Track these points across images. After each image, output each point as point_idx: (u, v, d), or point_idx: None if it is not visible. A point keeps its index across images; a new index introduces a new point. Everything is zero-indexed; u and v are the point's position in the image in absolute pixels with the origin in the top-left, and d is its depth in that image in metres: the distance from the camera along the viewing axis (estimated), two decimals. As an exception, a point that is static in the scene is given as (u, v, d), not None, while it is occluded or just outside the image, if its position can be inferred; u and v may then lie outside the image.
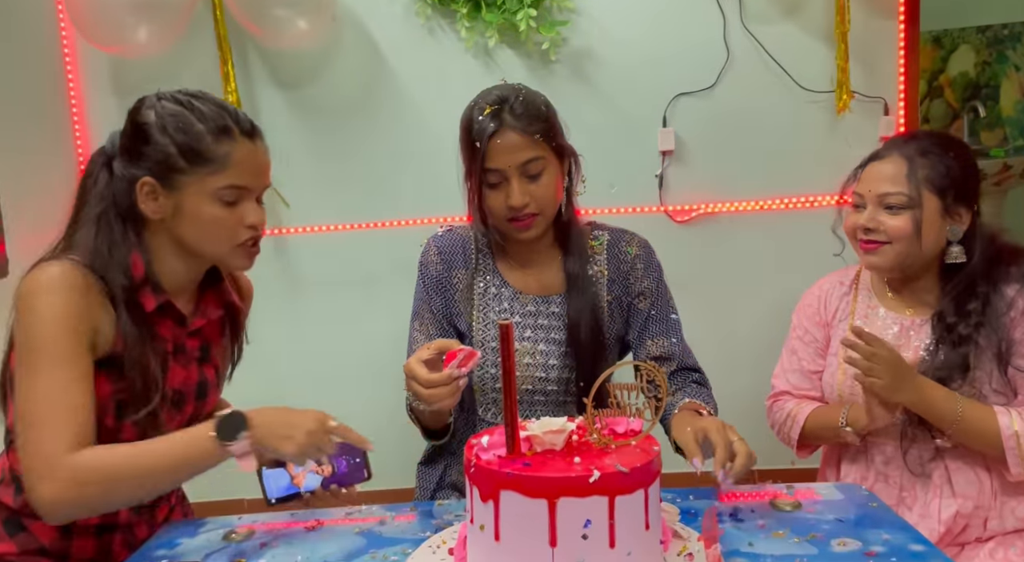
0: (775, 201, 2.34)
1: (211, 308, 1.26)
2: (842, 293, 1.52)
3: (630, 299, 1.43)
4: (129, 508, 1.19)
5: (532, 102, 1.31)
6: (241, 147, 1.14)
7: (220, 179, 1.12)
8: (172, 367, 1.19)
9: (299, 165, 2.37)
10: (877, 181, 1.38)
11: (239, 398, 2.47)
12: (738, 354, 2.41)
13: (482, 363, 1.39)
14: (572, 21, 2.27)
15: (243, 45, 2.31)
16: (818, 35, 2.28)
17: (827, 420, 1.42)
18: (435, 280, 1.43)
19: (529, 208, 1.30)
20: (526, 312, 1.41)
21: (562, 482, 0.84)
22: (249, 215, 1.16)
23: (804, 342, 1.53)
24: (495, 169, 1.29)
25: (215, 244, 1.16)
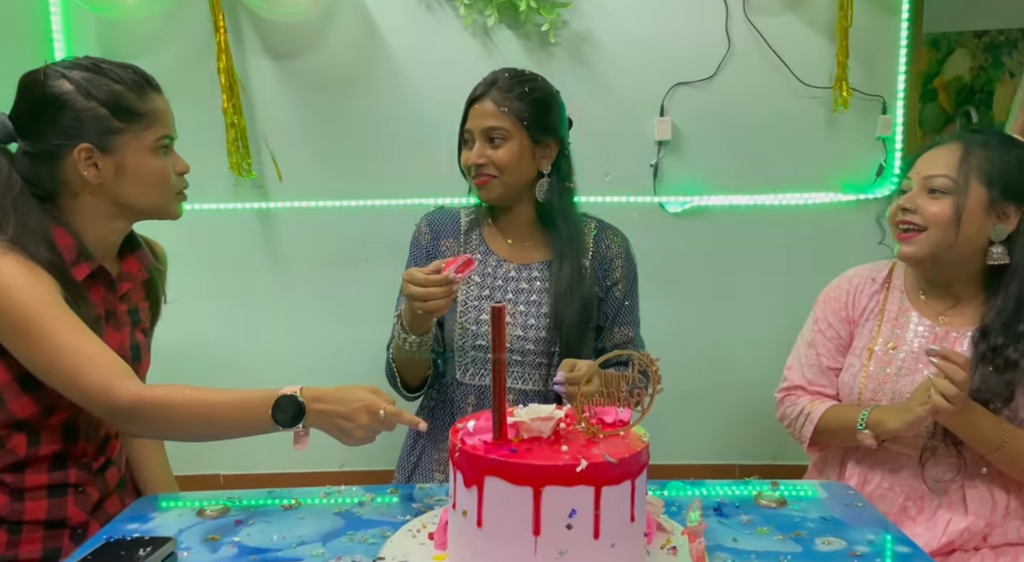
0: (769, 196, 2.32)
1: (134, 271, 1.28)
2: (873, 291, 1.45)
3: (608, 285, 1.55)
4: (80, 468, 1.20)
5: (522, 85, 1.48)
6: (159, 100, 1.20)
7: (154, 132, 1.17)
8: (107, 331, 1.20)
9: (289, 138, 2.32)
10: (926, 164, 1.33)
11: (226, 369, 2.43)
12: (725, 346, 2.41)
13: (462, 326, 1.49)
14: (573, 3, 2.23)
15: (236, 13, 2.25)
16: (820, 30, 2.25)
17: (844, 421, 1.37)
18: (424, 250, 1.55)
19: (486, 169, 1.46)
20: (508, 277, 1.52)
21: (548, 470, 0.83)
22: (178, 163, 1.23)
23: (826, 337, 1.47)
24: (467, 129, 1.50)
25: (157, 195, 1.20)
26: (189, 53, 2.25)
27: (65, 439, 1.19)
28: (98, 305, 1.20)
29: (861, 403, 1.39)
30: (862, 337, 1.43)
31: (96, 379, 1.06)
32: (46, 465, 1.17)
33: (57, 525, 1.17)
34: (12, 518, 1.14)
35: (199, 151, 2.23)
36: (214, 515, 1.10)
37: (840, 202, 2.32)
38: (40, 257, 1.10)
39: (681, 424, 2.35)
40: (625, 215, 2.29)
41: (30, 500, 1.15)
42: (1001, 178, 1.28)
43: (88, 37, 2.27)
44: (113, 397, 1.06)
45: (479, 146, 1.46)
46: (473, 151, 1.47)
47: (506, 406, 0.90)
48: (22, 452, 1.14)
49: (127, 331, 1.26)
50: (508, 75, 1.49)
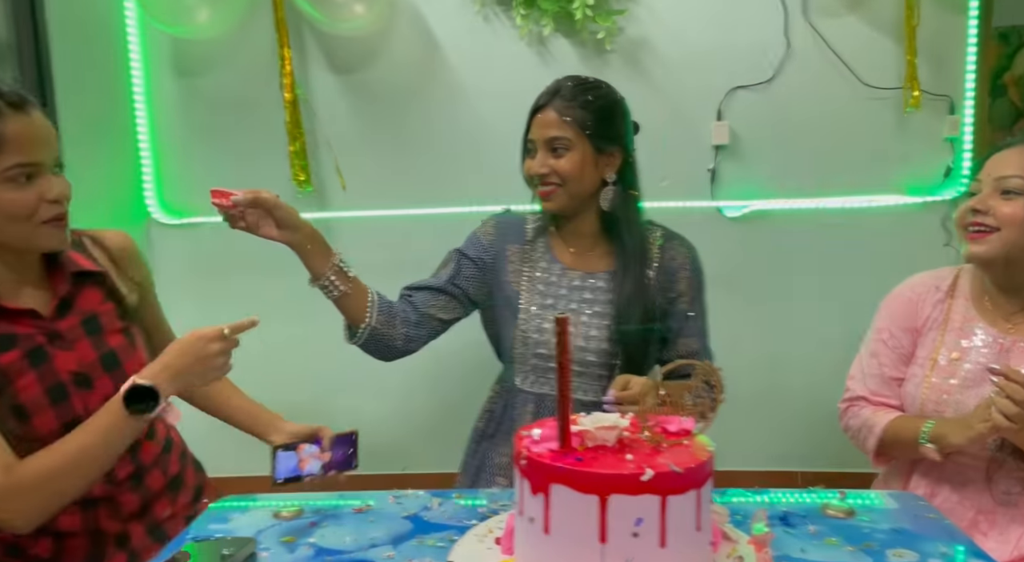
0: (833, 200, 2.28)
1: (60, 286, 1.19)
2: (937, 300, 1.42)
3: (673, 297, 1.51)
4: (105, 481, 1.18)
5: (585, 93, 1.46)
6: (14, 122, 1.06)
7: (3, 160, 1.05)
8: (55, 355, 1.15)
9: (350, 149, 2.38)
10: (997, 165, 1.30)
11: (289, 378, 2.51)
12: (785, 353, 2.37)
13: (524, 334, 1.49)
14: (629, 10, 2.24)
15: (300, 28, 2.33)
16: (884, 30, 2.21)
17: (907, 433, 1.35)
18: (485, 249, 1.55)
19: (549, 179, 1.45)
20: (572, 286, 1.51)
21: (615, 479, 0.84)
22: (51, 189, 1.10)
23: (888, 347, 1.44)
24: (530, 139, 1.49)
25: (18, 228, 1.09)
26: (255, 69, 2.34)
27: None
28: (32, 335, 1.14)
29: (924, 414, 1.36)
30: (925, 347, 1.40)
31: None
32: None
33: (95, 535, 1.20)
34: (53, 528, 1.16)
35: (263, 164, 2.35)
36: (289, 516, 1.15)
37: (905, 205, 2.26)
38: None
39: (740, 429, 2.32)
40: (682, 220, 2.28)
41: (64, 514, 1.16)
42: None
43: (163, 55, 2.37)
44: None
45: (542, 156, 1.45)
46: (536, 161, 1.46)
47: (570, 416, 0.92)
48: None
49: (86, 344, 1.19)
50: (571, 83, 1.47)
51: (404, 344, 1.49)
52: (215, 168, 2.37)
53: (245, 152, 2.37)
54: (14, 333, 1.13)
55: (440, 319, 1.53)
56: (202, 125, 2.40)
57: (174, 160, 2.42)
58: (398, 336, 1.47)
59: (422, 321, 1.50)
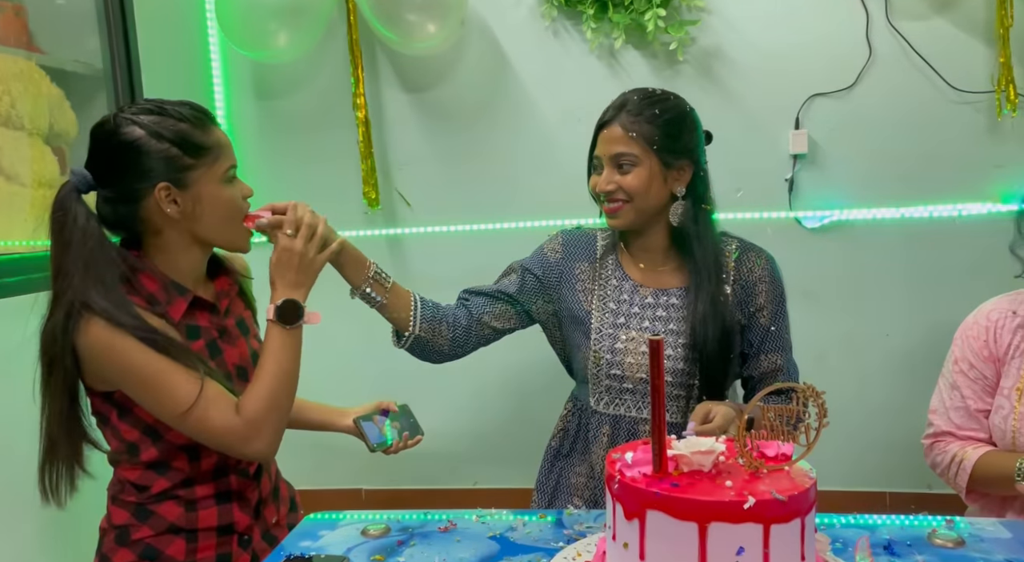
0: (919, 209, 2.19)
1: (227, 287, 1.34)
2: (1016, 325, 1.36)
3: (752, 311, 1.46)
4: (238, 474, 1.30)
5: (652, 107, 1.42)
6: (218, 132, 1.24)
7: (222, 163, 1.22)
8: (225, 349, 1.28)
9: (422, 167, 2.42)
10: None
11: (357, 392, 2.54)
12: (868, 369, 2.29)
13: (596, 354, 1.47)
14: (702, 20, 2.21)
15: (373, 49, 2.38)
16: (974, 31, 2.11)
17: (1001, 469, 1.28)
18: (552, 266, 1.53)
19: (616, 195, 1.42)
20: (645, 304, 1.47)
21: (715, 506, 0.81)
22: (244, 188, 1.28)
23: (969, 378, 1.38)
24: (596, 155, 1.46)
25: (231, 224, 1.25)
26: (330, 90, 2.40)
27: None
28: (209, 329, 1.27)
29: (1016, 447, 1.29)
30: (1009, 376, 1.33)
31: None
32: (210, 476, 1.26)
33: (226, 530, 1.27)
34: (189, 527, 1.24)
35: (336, 182, 2.40)
36: (377, 534, 1.16)
37: (999, 213, 2.16)
38: (129, 323, 1.14)
39: (826, 446, 2.23)
40: (759, 231, 2.23)
41: (202, 509, 1.25)
42: None
43: (244, 79, 2.46)
44: (236, 436, 1.17)
45: (608, 172, 1.42)
46: (602, 177, 1.43)
47: (666, 438, 0.90)
48: (187, 469, 1.24)
49: (243, 342, 1.32)
50: (637, 97, 1.43)
51: (451, 349, 1.49)
52: (291, 188, 2.42)
53: (319, 172, 2.43)
54: (198, 325, 1.25)
55: (493, 327, 1.51)
56: (279, 146, 2.47)
57: (255, 182, 2.48)
58: (444, 342, 1.48)
59: (472, 327, 1.49)
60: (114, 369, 1.14)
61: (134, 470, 1.23)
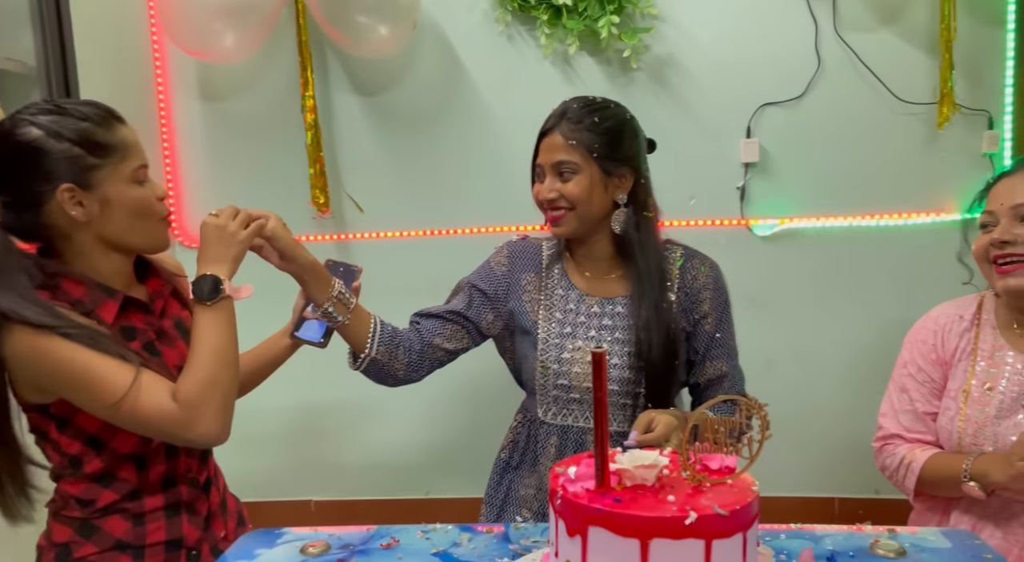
0: (865, 217, 2.23)
1: (160, 287, 1.30)
2: (962, 329, 1.39)
3: (697, 318, 1.47)
4: (189, 485, 1.26)
5: (592, 115, 1.42)
6: (125, 131, 1.19)
7: (129, 163, 1.17)
8: (164, 351, 1.24)
9: (373, 171, 2.37)
10: (1010, 193, 1.28)
11: (312, 403, 2.49)
12: (817, 375, 2.31)
13: (543, 364, 1.46)
14: (655, 28, 2.21)
15: (323, 51, 2.33)
16: (919, 44, 2.16)
17: (948, 471, 1.31)
18: (498, 279, 1.53)
19: (558, 203, 1.42)
20: (591, 313, 1.47)
21: (656, 522, 0.80)
22: (157, 189, 1.23)
23: (917, 381, 1.41)
24: (539, 164, 1.46)
25: (143, 224, 1.20)
26: (279, 92, 2.34)
27: (168, 458, 1.24)
28: (145, 330, 1.23)
29: (962, 448, 1.32)
30: (956, 378, 1.36)
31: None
32: (159, 486, 1.22)
33: (175, 546, 1.23)
34: (136, 543, 1.20)
35: (285, 185, 2.35)
36: (317, 553, 1.11)
37: (942, 222, 2.20)
38: (63, 326, 1.10)
39: (775, 454, 2.25)
40: (711, 239, 2.25)
41: (151, 523, 1.21)
42: None
43: (188, 80, 2.39)
44: (174, 420, 1.12)
45: (549, 180, 1.43)
46: (544, 185, 1.43)
47: (608, 453, 0.88)
48: (134, 480, 1.20)
49: (182, 343, 1.28)
50: (577, 105, 1.44)
51: (406, 374, 1.47)
52: (238, 192, 2.37)
53: (266, 175, 2.38)
54: (133, 326, 1.21)
55: (445, 349, 1.50)
56: (225, 149, 2.41)
57: (199, 185, 2.43)
58: (399, 366, 1.45)
59: (425, 350, 1.47)
60: (44, 372, 1.10)
61: (78, 484, 1.18)
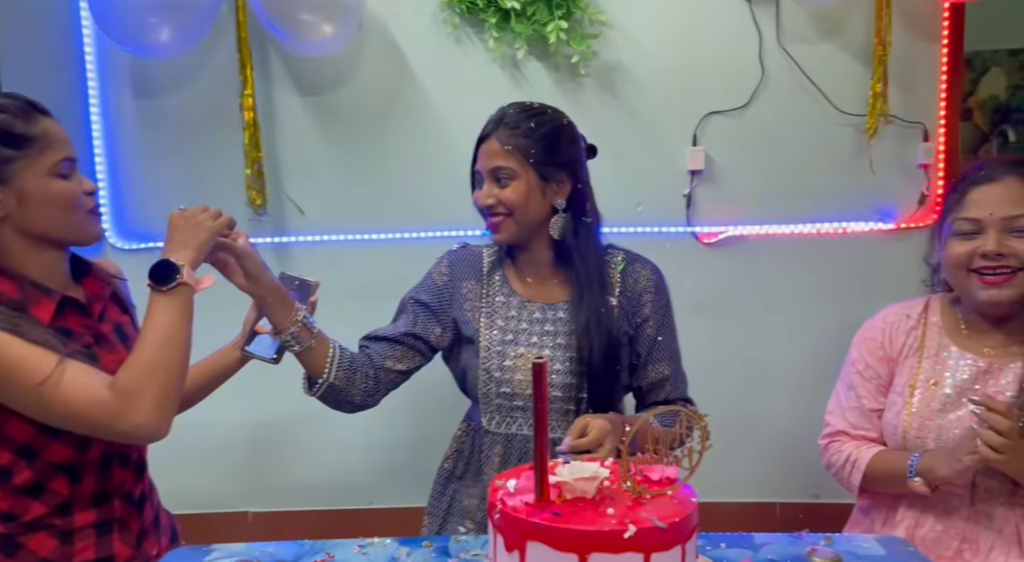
0: (806, 226, 2.27)
1: (98, 290, 1.27)
2: (909, 328, 1.42)
3: (638, 322, 1.46)
4: (123, 499, 1.22)
5: (528, 120, 1.42)
6: (48, 123, 1.17)
7: (51, 155, 1.15)
8: (102, 356, 1.21)
9: (315, 173, 2.32)
10: (998, 204, 1.28)
11: (253, 408, 2.41)
12: (761, 381, 2.34)
13: (486, 372, 1.44)
14: (603, 34, 2.21)
15: (265, 50, 2.27)
16: (858, 56, 2.21)
17: (893, 467, 1.33)
18: (440, 290, 1.51)
19: (496, 209, 1.42)
20: (533, 319, 1.46)
21: (594, 536, 0.79)
22: (84, 183, 1.20)
23: (865, 378, 1.44)
24: (477, 170, 1.46)
25: (69, 216, 1.17)
26: (217, 89, 2.27)
27: (102, 470, 1.19)
28: (82, 334, 1.19)
29: (907, 442, 1.35)
30: (903, 374, 1.40)
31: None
32: (91, 501, 1.18)
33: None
34: (67, 559, 1.14)
35: (220, 185, 2.28)
36: (246, 571, 1.07)
37: (881, 230, 2.26)
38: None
39: (718, 460, 2.27)
40: (658, 245, 2.26)
41: (80, 541, 1.16)
42: None
43: (121, 75, 2.30)
44: (109, 411, 1.07)
45: (487, 186, 1.42)
46: (482, 191, 1.43)
47: (548, 466, 0.86)
48: (66, 493, 1.15)
49: (121, 349, 1.25)
50: (514, 111, 1.44)
51: (362, 400, 1.44)
52: (172, 190, 2.29)
53: (202, 174, 2.30)
54: (70, 328, 1.17)
55: (398, 370, 1.47)
56: (160, 147, 2.32)
57: (131, 183, 2.34)
58: (356, 392, 1.42)
59: (380, 375, 1.45)
60: None
61: (5, 498, 1.12)
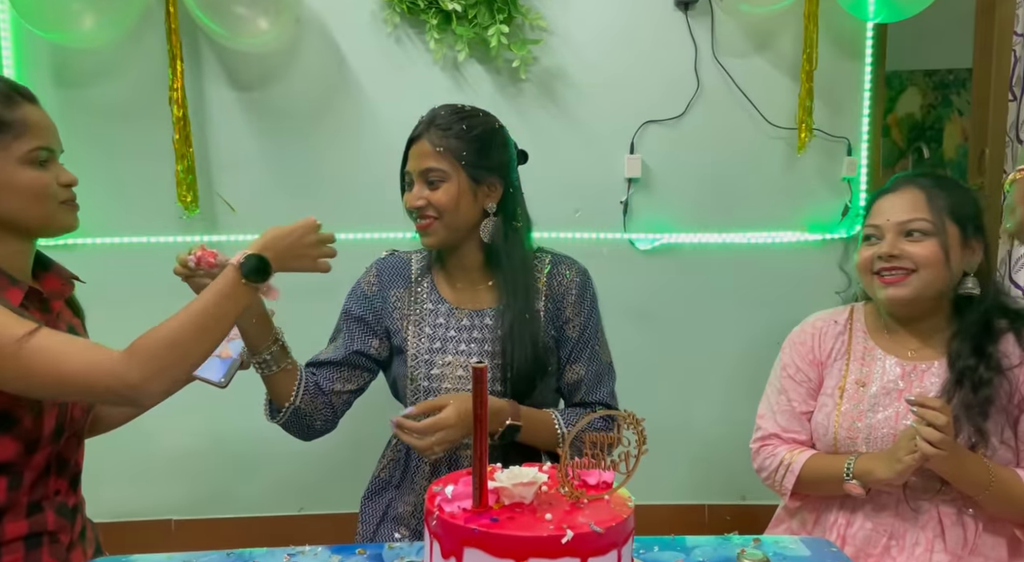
0: (738, 235, 2.33)
1: (57, 288, 1.25)
2: (837, 332, 1.47)
3: (562, 323, 1.46)
4: (56, 511, 1.18)
5: (460, 122, 1.42)
6: (32, 111, 1.16)
7: (25, 143, 1.13)
8: None
9: (248, 170, 2.26)
10: (895, 210, 1.36)
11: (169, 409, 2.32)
12: (693, 385, 2.40)
13: (413, 381, 1.44)
14: (544, 40, 2.23)
15: (196, 41, 2.19)
16: (787, 71, 2.28)
17: (828, 470, 1.36)
18: (369, 300, 1.50)
19: (426, 211, 1.40)
20: (461, 326, 1.45)
21: (532, 542, 0.78)
22: (63, 174, 1.18)
23: (796, 381, 1.47)
24: (408, 171, 1.44)
25: (39, 207, 1.15)
26: (144, 82, 2.18)
27: (42, 476, 1.15)
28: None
29: (836, 442, 1.39)
30: (832, 377, 1.44)
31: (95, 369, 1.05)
32: (24, 511, 1.13)
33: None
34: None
35: (148, 182, 2.20)
36: (167, 584, 1.03)
37: (806, 241, 2.34)
38: None
39: (651, 463, 2.31)
40: (595, 251, 2.29)
41: (7, 554, 1.11)
42: (964, 213, 1.35)
43: (40, 63, 2.18)
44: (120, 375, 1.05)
45: (418, 188, 1.40)
46: (412, 194, 1.41)
47: (487, 472, 0.86)
48: (3, 498, 1.10)
49: None
50: (446, 112, 1.43)
51: (322, 425, 1.46)
52: (98, 186, 2.17)
53: (128, 170, 2.21)
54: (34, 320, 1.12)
55: (349, 391, 1.47)
56: (82, 139, 2.20)
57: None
58: (318, 417, 1.43)
59: (332, 399, 1.44)
60: None
61: None
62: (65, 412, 1.19)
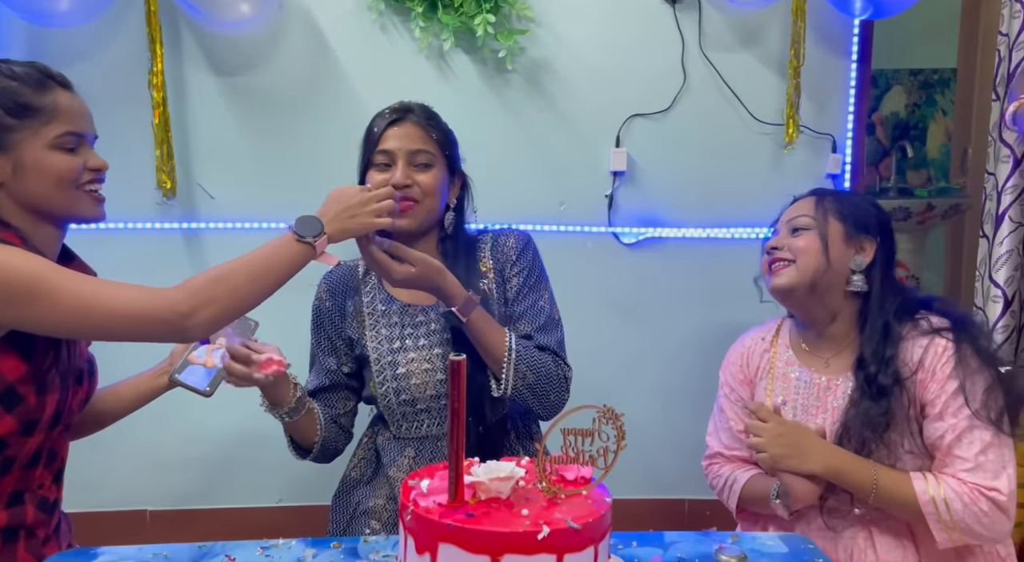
0: (723, 231, 2.33)
1: None
2: (763, 350, 1.50)
3: (507, 291, 1.46)
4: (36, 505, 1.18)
5: (435, 118, 1.46)
6: (63, 96, 1.16)
7: (54, 128, 1.14)
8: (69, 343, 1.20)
9: (228, 157, 2.22)
10: (788, 213, 1.47)
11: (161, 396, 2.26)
12: (675, 379, 2.39)
13: (380, 382, 1.42)
14: (531, 31, 2.20)
15: (177, 25, 2.15)
16: (774, 68, 2.28)
17: (761, 491, 1.40)
18: (328, 318, 1.50)
19: (411, 192, 1.37)
20: (416, 323, 1.44)
21: (507, 538, 0.78)
22: (93, 159, 1.19)
23: (731, 401, 1.51)
24: (385, 150, 1.39)
25: (63, 193, 1.16)
26: (123, 65, 2.14)
27: (27, 467, 1.14)
28: None
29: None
30: (759, 395, 1.47)
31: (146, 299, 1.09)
32: (4, 502, 1.12)
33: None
34: None
35: (126, 167, 2.14)
36: (137, 577, 1.01)
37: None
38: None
39: (631, 457, 2.30)
40: (580, 245, 2.28)
41: None
42: (851, 214, 1.40)
43: (16, 45, 2.13)
44: (171, 302, 1.08)
45: (404, 168, 1.37)
46: (398, 171, 1.37)
47: (463, 466, 0.85)
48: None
49: (83, 343, 1.26)
50: (418, 107, 1.45)
51: (344, 442, 1.52)
52: (74, 171, 2.15)
53: (106, 155, 2.14)
54: None
55: (348, 410, 1.51)
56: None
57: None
58: (339, 439, 1.50)
59: (339, 420, 1.50)
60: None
61: None
62: (65, 398, 1.18)
